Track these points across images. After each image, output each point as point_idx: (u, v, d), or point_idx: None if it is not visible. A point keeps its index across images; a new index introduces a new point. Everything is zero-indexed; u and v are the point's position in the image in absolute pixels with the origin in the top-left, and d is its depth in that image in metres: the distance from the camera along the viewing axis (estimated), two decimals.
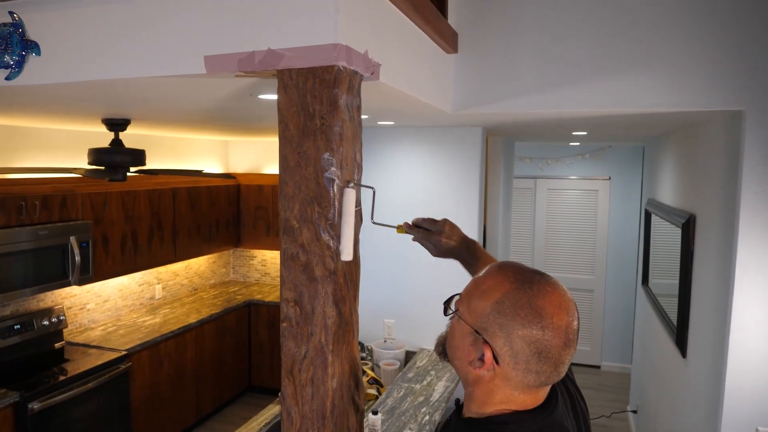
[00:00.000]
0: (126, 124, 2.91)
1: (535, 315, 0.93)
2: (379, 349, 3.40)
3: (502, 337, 0.95)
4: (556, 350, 0.93)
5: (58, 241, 3.44)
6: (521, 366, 0.94)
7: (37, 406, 3.08)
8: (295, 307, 1.25)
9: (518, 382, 0.96)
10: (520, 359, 0.94)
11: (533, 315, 0.93)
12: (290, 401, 1.28)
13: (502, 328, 0.95)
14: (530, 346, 0.93)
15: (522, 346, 0.94)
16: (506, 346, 0.95)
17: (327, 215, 1.21)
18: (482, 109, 2.30)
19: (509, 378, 0.96)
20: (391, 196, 3.55)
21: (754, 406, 2.05)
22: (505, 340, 0.95)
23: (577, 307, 1.00)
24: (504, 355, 0.95)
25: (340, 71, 1.19)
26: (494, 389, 0.99)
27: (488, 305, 0.97)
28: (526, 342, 0.93)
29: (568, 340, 0.95)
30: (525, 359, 0.94)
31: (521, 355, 0.94)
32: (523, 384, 0.96)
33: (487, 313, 0.97)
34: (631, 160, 5.79)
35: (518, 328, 0.94)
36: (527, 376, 0.95)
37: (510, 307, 0.95)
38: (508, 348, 0.95)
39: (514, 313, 0.94)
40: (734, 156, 2.09)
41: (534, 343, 0.93)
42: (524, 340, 0.93)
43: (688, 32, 2.01)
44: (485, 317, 0.97)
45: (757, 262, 2.01)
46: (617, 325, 5.98)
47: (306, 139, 1.21)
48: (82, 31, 1.42)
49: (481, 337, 0.97)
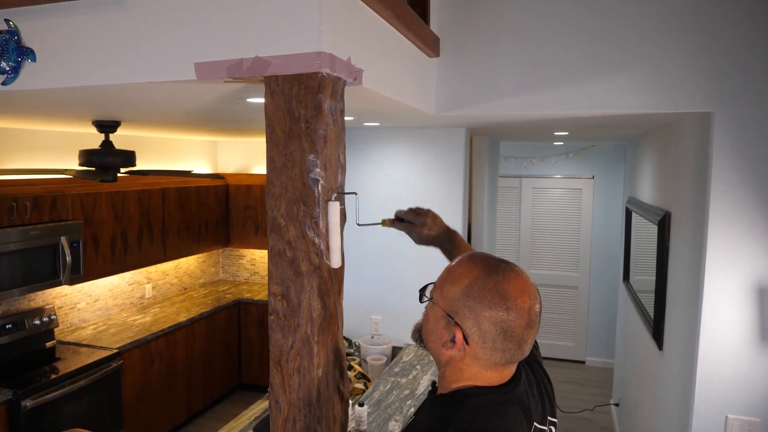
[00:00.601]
0: (116, 125, 2.96)
1: (500, 298, 1.03)
2: (367, 344, 3.47)
3: (471, 318, 1.05)
4: (519, 330, 1.04)
5: (49, 242, 3.48)
6: (488, 345, 1.04)
7: (30, 404, 3.12)
8: (283, 300, 1.32)
9: (486, 360, 1.06)
10: (488, 338, 1.04)
11: (499, 298, 1.03)
12: (278, 390, 1.35)
13: (471, 311, 1.05)
14: (496, 326, 1.03)
15: (489, 327, 1.03)
16: (475, 326, 1.04)
17: (312, 213, 1.28)
18: (464, 111, 2.38)
19: (478, 357, 1.06)
20: (376, 195, 3.63)
21: (723, 394, 2.14)
22: (473, 322, 1.05)
23: (539, 293, 1.10)
24: (473, 335, 1.05)
25: (324, 77, 1.26)
26: (464, 368, 1.08)
27: (459, 290, 1.07)
28: (492, 322, 1.03)
29: (531, 321, 1.05)
30: (492, 338, 1.04)
31: (488, 334, 1.04)
32: (490, 362, 1.06)
33: (457, 297, 1.07)
34: (614, 159, 5.91)
35: (485, 309, 1.04)
36: (494, 354, 1.05)
37: (478, 291, 1.05)
38: (476, 329, 1.04)
39: (482, 296, 1.04)
40: (704, 156, 2.18)
41: (500, 323, 1.03)
42: (491, 321, 1.03)
43: (661, 37, 2.10)
44: (456, 301, 1.07)
45: (725, 256, 2.10)
46: (601, 321, 6.10)
47: (292, 141, 1.28)
48: (77, 39, 1.48)
49: (452, 320, 1.07)
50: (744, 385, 2.11)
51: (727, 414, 2.14)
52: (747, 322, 2.09)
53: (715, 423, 2.15)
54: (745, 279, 2.09)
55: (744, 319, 2.10)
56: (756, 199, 2.05)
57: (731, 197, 2.09)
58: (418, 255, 3.57)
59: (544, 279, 6.20)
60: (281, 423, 1.35)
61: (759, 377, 2.09)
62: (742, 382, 2.11)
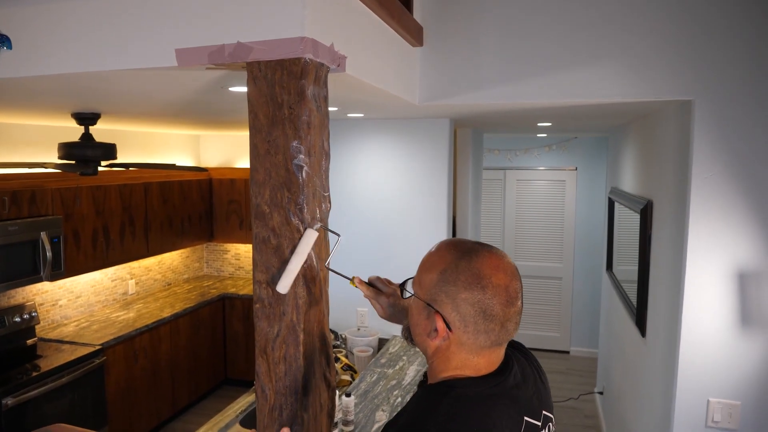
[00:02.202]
0: (96, 118, 2.91)
1: (474, 277, 1.02)
2: (353, 336, 3.47)
3: (449, 303, 1.03)
4: (499, 308, 1.02)
5: (29, 237, 3.42)
6: (471, 328, 1.03)
7: (11, 402, 3.08)
8: (268, 288, 1.31)
9: (471, 345, 1.04)
10: (469, 322, 1.02)
11: (473, 277, 1.02)
12: (264, 378, 1.34)
13: (448, 295, 1.03)
14: (474, 306, 1.01)
15: (467, 309, 1.02)
16: (454, 311, 1.03)
17: (296, 200, 1.27)
18: (448, 100, 2.39)
19: (463, 342, 1.04)
20: (361, 187, 3.62)
21: (705, 378, 2.18)
22: (452, 306, 1.03)
23: (518, 271, 1.08)
24: (454, 320, 1.03)
25: (307, 63, 1.25)
26: (451, 356, 1.06)
27: (435, 277, 1.06)
28: (470, 304, 1.02)
29: (510, 298, 1.03)
30: (473, 321, 1.02)
31: (469, 317, 1.02)
32: (476, 345, 1.04)
33: (434, 284, 1.05)
34: (596, 150, 5.96)
35: (461, 291, 1.02)
36: (478, 337, 1.03)
37: (452, 273, 1.04)
38: (456, 313, 1.03)
39: (456, 278, 1.03)
40: (685, 143, 2.21)
41: (477, 303, 1.01)
42: (468, 302, 1.02)
43: (641, 26, 2.12)
44: (433, 288, 1.05)
45: (706, 243, 2.13)
46: (585, 311, 6.16)
47: (275, 128, 1.27)
48: (54, 25, 1.45)
49: (432, 309, 1.05)
50: (725, 368, 2.14)
51: (709, 397, 2.17)
52: (727, 307, 2.13)
53: (697, 406, 2.18)
54: (725, 264, 2.12)
55: (725, 304, 2.13)
56: (735, 185, 2.08)
57: (712, 184, 2.11)
58: (404, 247, 3.58)
59: (529, 270, 6.24)
60: (267, 411, 1.35)
61: (739, 361, 2.13)
62: (723, 366, 2.15)
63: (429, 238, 3.54)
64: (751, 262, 2.09)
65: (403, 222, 3.58)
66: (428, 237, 3.54)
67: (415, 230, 3.57)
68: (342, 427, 2.37)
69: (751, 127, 2.05)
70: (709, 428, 2.18)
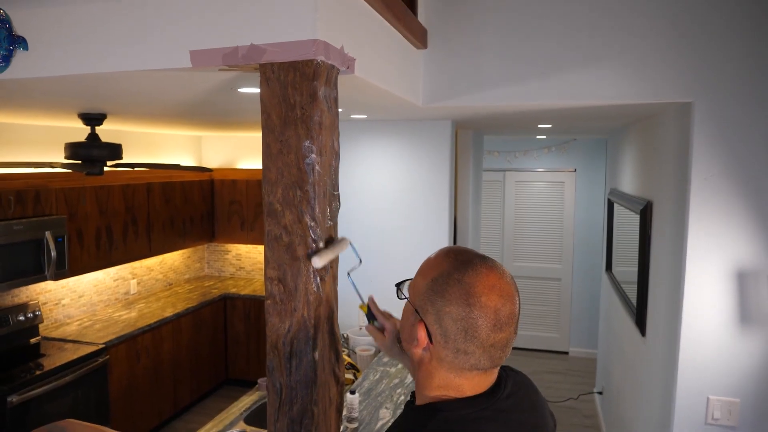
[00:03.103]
0: (102, 118, 2.94)
1: (463, 293, 0.94)
2: (355, 336, 3.50)
3: (433, 313, 0.97)
4: (484, 330, 0.94)
5: (33, 236, 3.44)
6: (450, 345, 0.95)
7: (16, 399, 3.10)
8: (279, 284, 1.34)
9: (450, 363, 0.97)
10: (449, 337, 0.95)
11: (461, 292, 0.95)
12: (276, 373, 1.37)
13: (433, 305, 0.97)
14: (457, 323, 0.94)
15: (449, 324, 0.95)
16: (436, 323, 0.97)
17: (308, 198, 1.30)
18: (451, 102, 2.42)
19: (441, 358, 0.97)
20: (364, 188, 3.65)
21: (704, 376, 2.21)
22: (435, 317, 0.97)
23: (518, 294, 1.00)
24: (435, 332, 0.97)
25: (319, 65, 1.29)
26: (432, 371, 1.00)
27: (425, 283, 1.00)
28: (452, 319, 0.94)
29: (498, 322, 0.94)
30: (453, 337, 0.95)
31: (450, 332, 0.95)
32: (454, 365, 0.97)
33: (423, 291, 1.00)
34: (595, 152, 6.00)
35: (446, 304, 0.95)
36: (457, 356, 0.96)
37: (441, 284, 0.97)
38: (437, 326, 0.96)
39: (444, 289, 0.96)
40: (685, 145, 2.24)
41: (460, 321, 0.94)
42: (451, 317, 0.95)
43: (642, 28, 2.16)
44: (422, 295, 1.00)
45: (706, 242, 2.17)
46: (584, 312, 6.20)
47: (287, 128, 1.30)
48: (70, 26, 1.48)
49: (418, 316, 1.00)
50: (724, 366, 2.18)
51: (709, 395, 2.20)
52: (727, 306, 2.16)
53: (697, 404, 2.21)
54: (724, 264, 2.15)
55: (724, 302, 2.16)
56: (735, 186, 2.12)
57: (711, 185, 2.15)
58: (406, 248, 3.61)
59: (528, 271, 6.28)
60: (278, 406, 1.37)
61: (739, 359, 2.16)
62: (723, 364, 2.18)
63: (430, 238, 3.57)
64: (750, 261, 2.12)
65: (405, 223, 3.61)
66: (430, 238, 3.57)
67: (417, 231, 3.60)
68: (346, 423, 2.40)
69: (751, 129, 2.08)
70: (708, 425, 2.21)
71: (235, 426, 2.53)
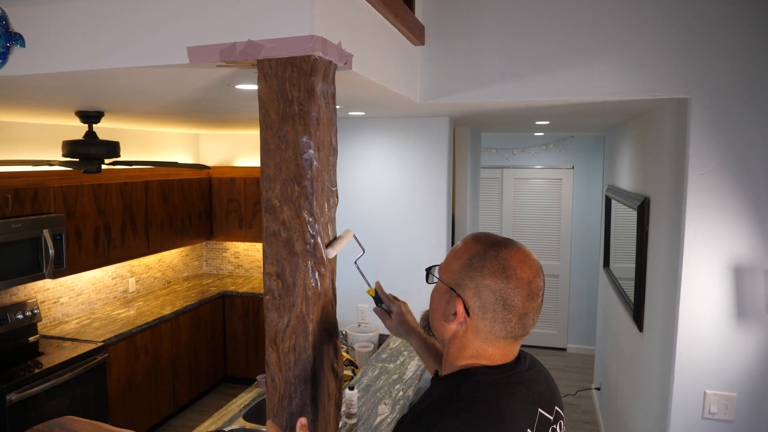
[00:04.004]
0: (100, 116, 2.94)
1: (500, 267, 1.06)
2: (354, 332, 3.50)
3: (472, 288, 1.07)
4: (520, 300, 1.05)
5: (31, 235, 3.44)
6: (489, 315, 1.06)
7: (15, 398, 3.10)
8: (278, 280, 1.35)
9: (487, 333, 1.07)
10: (488, 309, 1.05)
11: (499, 266, 1.06)
12: (274, 368, 1.38)
13: (472, 280, 1.07)
14: (496, 294, 1.05)
15: (489, 296, 1.05)
16: (475, 297, 1.06)
17: (306, 194, 1.30)
18: (448, 99, 2.42)
19: (479, 329, 1.07)
20: (361, 185, 3.66)
21: (701, 371, 2.22)
22: (474, 291, 1.07)
23: (542, 270, 1.11)
24: (474, 306, 1.07)
25: (317, 61, 1.29)
26: (467, 343, 1.09)
27: (461, 263, 1.10)
28: (492, 291, 1.05)
29: (531, 293, 1.06)
30: (492, 308, 1.05)
31: (489, 304, 1.05)
32: (491, 335, 1.07)
33: (460, 270, 1.10)
34: (593, 149, 6.01)
35: (486, 277, 1.06)
36: (494, 326, 1.06)
37: (479, 260, 1.08)
38: (477, 299, 1.06)
39: (482, 265, 1.07)
40: (681, 140, 2.25)
41: (499, 292, 1.05)
42: (491, 290, 1.05)
43: (638, 24, 2.16)
44: (458, 273, 1.10)
45: (702, 237, 2.17)
46: (582, 309, 6.21)
47: (285, 123, 1.30)
48: (67, 23, 1.48)
49: (454, 293, 1.09)
50: (721, 361, 2.19)
51: (706, 390, 2.21)
52: (724, 301, 2.17)
53: (694, 399, 2.22)
54: (721, 259, 2.16)
55: (721, 297, 2.17)
56: (731, 181, 2.12)
57: (708, 180, 2.15)
58: (404, 244, 3.62)
59: None
60: (278, 401, 1.38)
61: (736, 353, 2.17)
62: (720, 359, 2.19)
63: (429, 235, 3.58)
64: (746, 256, 2.13)
65: (403, 220, 3.61)
66: (428, 235, 3.58)
67: (415, 228, 3.60)
68: (345, 419, 2.40)
69: (747, 124, 2.09)
70: (705, 420, 2.22)
71: (234, 423, 2.53)
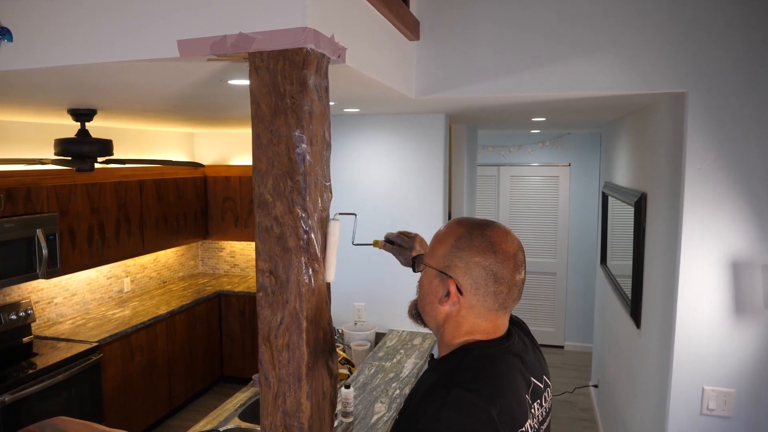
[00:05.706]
0: (92, 114, 2.91)
1: (487, 244, 1.12)
2: (350, 331, 3.48)
3: (462, 267, 1.12)
4: (508, 272, 1.11)
5: (24, 234, 3.41)
6: (481, 290, 1.11)
7: (8, 399, 3.07)
8: (271, 276, 1.33)
9: (480, 307, 1.12)
10: (480, 284, 1.11)
11: (486, 244, 1.12)
12: (267, 366, 1.35)
13: (461, 260, 1.12)
14: (486, 270, 1.10)
15: (479, 272, 1.10)
16: (466, 275, 1.11)
17: (299, 189, 1.28)
18: (444, 94, 2.40)
19: (472, 306, 1.12)
20: (357, 183, 3.64)
21: (699, 367, 2.20)
22: (464, 270, 1.11)
23: (521, 245, 1.18)
24: (465, 284, 1.11)
25: (309, 53, 1.27)
26: (461, 321, 1.14)
27: (448, 246, 1.15)
28: (482, 267, 1.10)
29: (516, 265, 1.13)
30: (484, 283, 1.10)
31: (480, 280, 1.10)
32: (484, 308, 1.12)
33: (447, 253, 1.14)
34: (590, 146, 6.00)
35: (475, 255, 1.11)
36: (486, 299, 1.11)
37: (466, 241, 1.13)
38: (467, 277, 1.11)
39: (470, 245, 1.12)
40: (679, 135, 2.24)
41: (489, 267, 1.10)
42: (481, 266, 1.10)
43: (636, 19, 2.15)
44: (446, 256, 1.14)
45: (700, 233, 2.16)
46: (579, 306, 6.20)
47: (277, 117, 1.28)
48: (55, 17, 1.45)
49: (445, 275, 1.13)
50: (719, 357, 2.17)
51: (704, 386, 2.20)
52: (721, 296, 2.16)
53: (692, 395, 2.21)
54: (719, 254, 2.15)
55: (719, 293, 2.16)
56: (728, 175, 2.11)
57: (705, 175, 2.14)
58: None
59: None
60: (271, 399, 1.36)
61: (734, 349, 2.16)
62: (718, 355, 2.18)
63: (425, 233, 3.53)
64: (744, 251, 2.12)
65: (399, 217, 3.59)
66: (424, 232, 3.55)
67: (411, 226, 3.58)
68: (342, 418, 2.38)
69: (744, 118, 2.08)
70: (704, 416, 2.21)
71: (230, 422, 2.51)
